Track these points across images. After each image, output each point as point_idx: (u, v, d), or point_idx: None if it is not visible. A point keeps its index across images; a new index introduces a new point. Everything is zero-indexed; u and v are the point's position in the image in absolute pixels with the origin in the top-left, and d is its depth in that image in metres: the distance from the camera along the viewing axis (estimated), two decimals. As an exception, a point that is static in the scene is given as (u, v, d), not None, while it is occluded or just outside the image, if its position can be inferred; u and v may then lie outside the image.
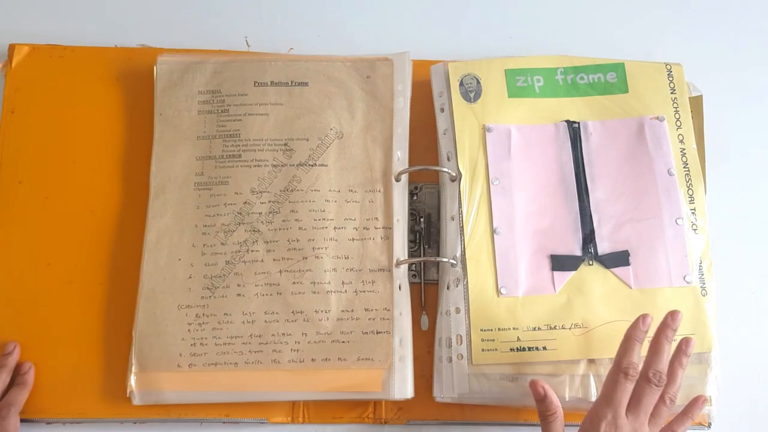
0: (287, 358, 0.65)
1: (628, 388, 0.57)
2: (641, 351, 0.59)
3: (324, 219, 0.68)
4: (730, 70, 0.79)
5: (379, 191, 0.69)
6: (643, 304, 0.66)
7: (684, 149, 0.71)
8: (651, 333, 0.60)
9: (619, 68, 0.74)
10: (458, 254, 0.67)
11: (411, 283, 0.68)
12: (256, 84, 0.72)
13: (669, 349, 0.59)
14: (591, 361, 0.65)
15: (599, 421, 0.56)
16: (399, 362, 0.65)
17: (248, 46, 0.78)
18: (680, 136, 0.71)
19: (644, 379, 0.57)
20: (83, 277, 0.69)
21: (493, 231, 0.68)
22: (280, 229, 0.68)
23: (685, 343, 0.60)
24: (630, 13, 0.81)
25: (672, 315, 0.60)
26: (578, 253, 0.68)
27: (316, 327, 0.66)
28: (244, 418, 0.66)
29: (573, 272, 0.67)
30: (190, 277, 0.67)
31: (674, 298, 0.67)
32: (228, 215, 0.68)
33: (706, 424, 0.67)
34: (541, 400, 0.59)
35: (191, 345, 0.65)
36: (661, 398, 0.58)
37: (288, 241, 0.68)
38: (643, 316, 0.60)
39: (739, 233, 0.74)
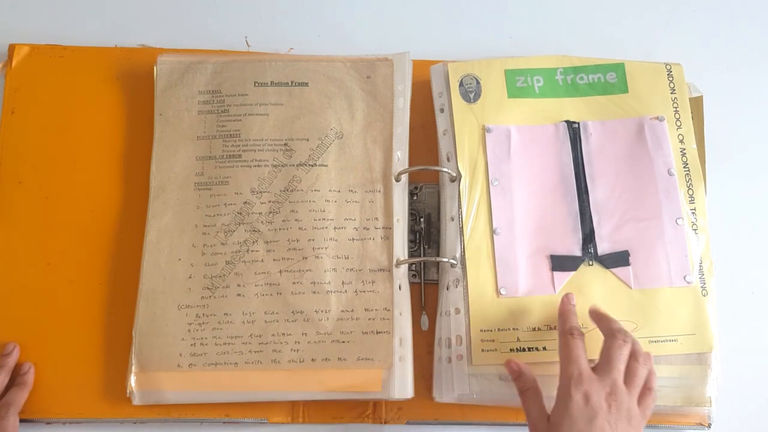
0: (287, 358, 0.65)
1: (579, 344, 0.58)
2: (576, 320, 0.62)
3: (324, 219, 0.68)
4: (730, 70, 0.79)
5: (379, 191, 0.69)
6: (643, 304, 0.66)
7: (684, 149, 0.71)
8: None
9: (619, 68, 0.73)
10: (458, 254, 0.67)
11: (411, 283, 0.68)
12: (256, 84, 0.72)
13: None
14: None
15: (567, 380, 0.56)
16: (399, 362, 0.65)
17: (248, 46, 0.78)
18: (680, 136, 0.71)
19: (610, 337, 0.59)
20: (83, 277, 0.69)
21: (492, 231, 0.68)
22: (280, 229, 0.68)
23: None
24: (630, 13, 0.81)
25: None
26: (578, 253, 0.68)
27: (316, 327, 0.66)
28: (244, 418, 0.66)
29: (573, 272, 0.67)
30: (190, 277, 0.67)
31: (674, 298, 0.67)
32: (228, 215, 0.68)
33: (706, 425, 0.67)
34: (518, 377, 0.61)
35: (191, 345, 0.65)
36: (633, 356, 0.59)
37: (288, 241, 0.68)
38: (567, 295, 0.63)
39: (739, 233, 0.74)
